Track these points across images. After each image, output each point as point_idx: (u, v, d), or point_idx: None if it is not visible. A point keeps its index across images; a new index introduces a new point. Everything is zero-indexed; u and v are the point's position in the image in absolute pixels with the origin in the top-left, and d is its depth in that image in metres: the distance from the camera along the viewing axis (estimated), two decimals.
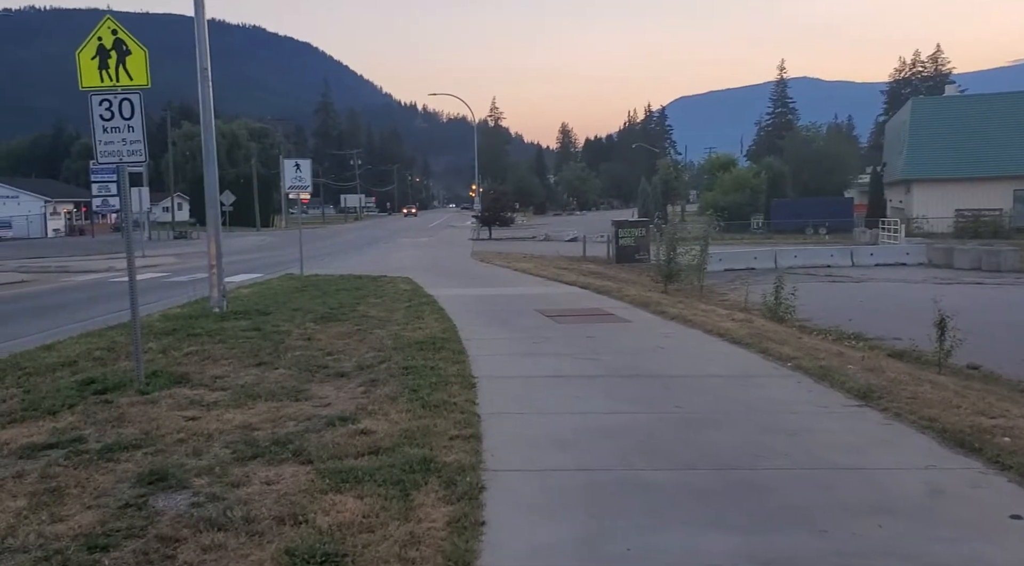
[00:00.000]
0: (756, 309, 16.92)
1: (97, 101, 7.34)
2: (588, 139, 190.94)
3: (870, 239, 43.69)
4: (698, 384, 7.49)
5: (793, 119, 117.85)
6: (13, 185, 69.54)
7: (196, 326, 11.18)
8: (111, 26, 7.26)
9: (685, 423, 6.14)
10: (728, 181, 62.23)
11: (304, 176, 21.28)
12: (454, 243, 43.13)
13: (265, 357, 8.88)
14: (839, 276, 28.96)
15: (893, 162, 58.74)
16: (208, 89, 13.05)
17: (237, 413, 6.42)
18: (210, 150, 13.35)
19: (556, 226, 64.75)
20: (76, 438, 5.73)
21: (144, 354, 8.86)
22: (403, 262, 26.95)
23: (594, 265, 28.36)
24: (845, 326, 16.15)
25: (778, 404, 6.75)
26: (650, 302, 13.71)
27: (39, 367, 8.30)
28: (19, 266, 28.26)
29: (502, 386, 7.45)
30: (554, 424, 6.10)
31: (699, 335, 10.38)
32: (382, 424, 6.00)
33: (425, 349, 9.20)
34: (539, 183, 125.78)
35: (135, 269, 7.91)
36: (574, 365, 8.39)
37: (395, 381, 7.54)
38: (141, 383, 7.37)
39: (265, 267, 26.11)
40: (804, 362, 8.31)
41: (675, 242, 21.41)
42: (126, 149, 7.42)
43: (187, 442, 5.63)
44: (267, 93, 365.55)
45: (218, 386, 7.43)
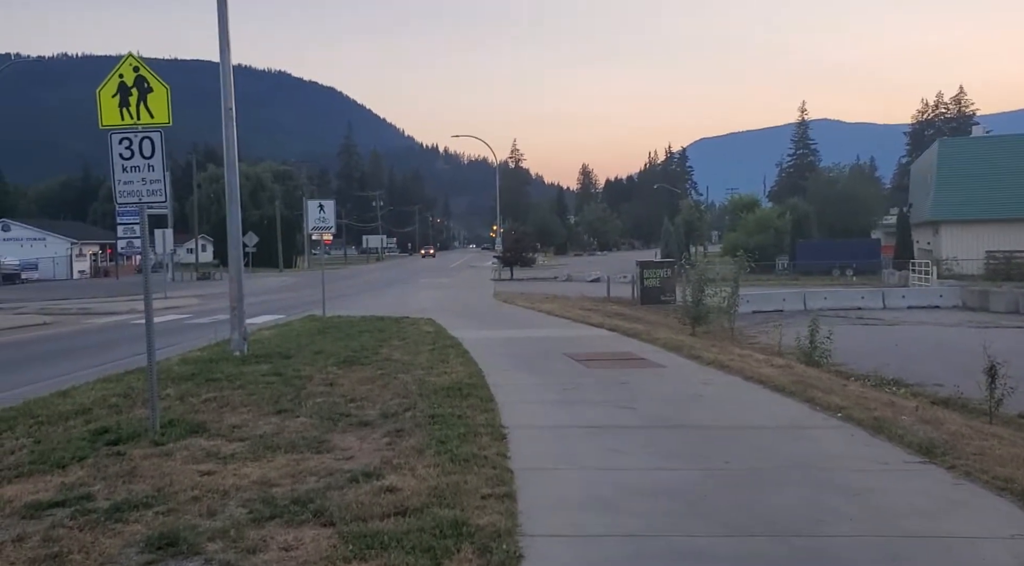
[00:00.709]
0: (790, 353, 16.38)
1: (117, 140, 7.13)
2: (609, 180, 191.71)
3: (900, 281, 42.92)
4: (745, 436, 7.02)
5: (815, 160, 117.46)
6: (40, 227, 70.40)
7: (216, 370, 10.87)
8: (133, 63, 7.07)
9: (736, 481, 5.68)
10: (752, 222, 61.74)
11: (327, 217, 21.16)
12: (476, 284, 42.87)
13: (286, 404, 8.52)
14: (871, 319, 28.27)
15: (920, 203, 58.06)
16: (232, 128, 12.92)
17: (255, 467, 6.04)
18: (233, 189, 13.17)
19: (578, 266, 64.48)
20: (84, 495, 5.36)
21: (161, 401, 8.55)
22: (425, 303, 26.66)
23: (619, 306, 27.91)
24: (882, 371, 15.54)
25: (833, 459, 6.27)
26: (683, 346, 13.25)
27: (52, 415, 7.99)
28: (41, 308, 28.26)
29: (535, 437, 7.02)
30: (594, 482, 5.65)
31: (739, 382, 9.90)
32: (409, 480, 5.59)
33: (452, 396, 8.81)
34: (560, 223, 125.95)
35: (153, 315, 7.61)
36: (610, 414, 7.95)
37: (421, 431, 7.14)
38: (156, 433, 7.03)
39: (287, 308, 25.91)
40: (855, 412, 7.82)
41: (703, 283, 20.95)
42: (146, 189, 7.18)
43: (201, 500, 5.25)
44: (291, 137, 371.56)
45: (236, 436, 7.07)
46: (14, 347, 16.40)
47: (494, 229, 76.22)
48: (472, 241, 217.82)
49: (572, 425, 7.48)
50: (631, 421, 7.66)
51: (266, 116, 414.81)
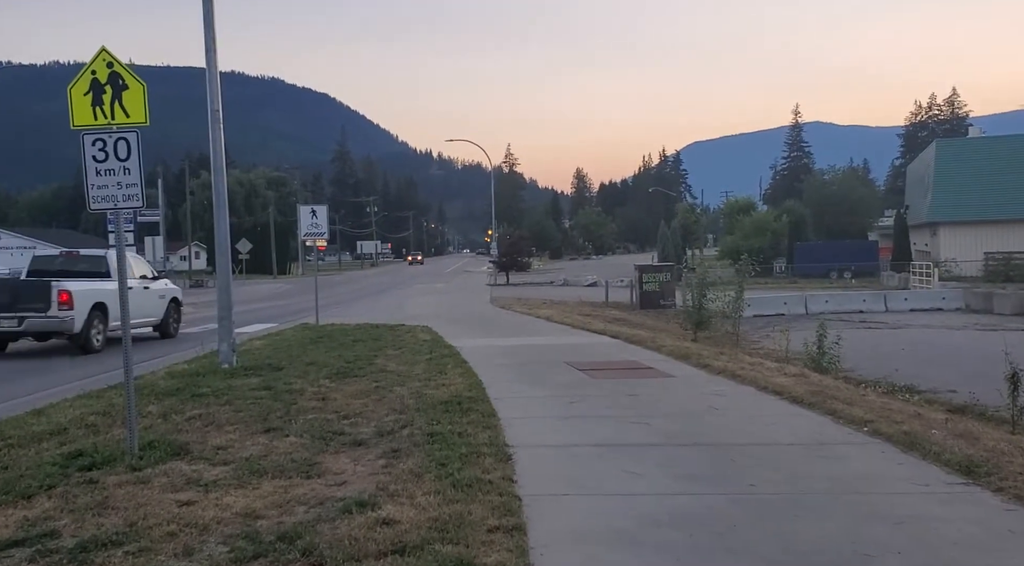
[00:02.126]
0: (797, 358, 15.92)
1: (90, 141, 6.62)
2: (603, 184, 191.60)
3: (900, 283, 42.55)
4: (768, 455, 6.52)
5: (809, 163, 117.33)
6: (31, 236, 69.88)
7: (202, 385, 10.35)
8: (106, 58, 6.56)
9: (765, 508, 5.19)
10: (749, 225, 61.37)
11: (320, 223, 20.67)
12: (471, 289, 42.38)
13: (275, 422, 8.01)
14: (874, 322, 27.85)
15: (917, 205, 57.83)
16: (219, 132, 12.40)
17: (239, 495, 5.52)
18: (220, 194, 12.66)
19: (574, 271, 64.01)
20: (48, 532, 4.84)
21: (143, 419, 8.06)
22: (421, 309, 26.15)
23: (618, 311, 27.43)
24: (893, 377, 15.09)
25: (868, 481, 5.78)
26: (690, 354, 12.76)
27: (24, 437, 7.45)
28: None
29: (542, 458, 6.52)
30: (610, 510, 5.16)
31: (753, 393, 9.42)
32: (407, 511, 5.08)
33: (451, 410, 8.32)
34: (555, 228, 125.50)
35: (130, 329, 7.09)
36: (621, 431, 7.45)
37: (419, 451, 6.64)
38: (134, 456, 6.51)
39: (280, 316, 25.37)
40: (882, 426, 7.33)
41: (704, 287, 20.50)
42: (121, 193, 6.67)
43: (178, 536, 4.73)
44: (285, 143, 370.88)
45: (220, 459, 6.55)
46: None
47: (489, 234, 75.81)
48: (467, 246, 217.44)
49: (582, 443, 6.98)
50: (644, 438, 7.16)
51: (259, 122, 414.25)
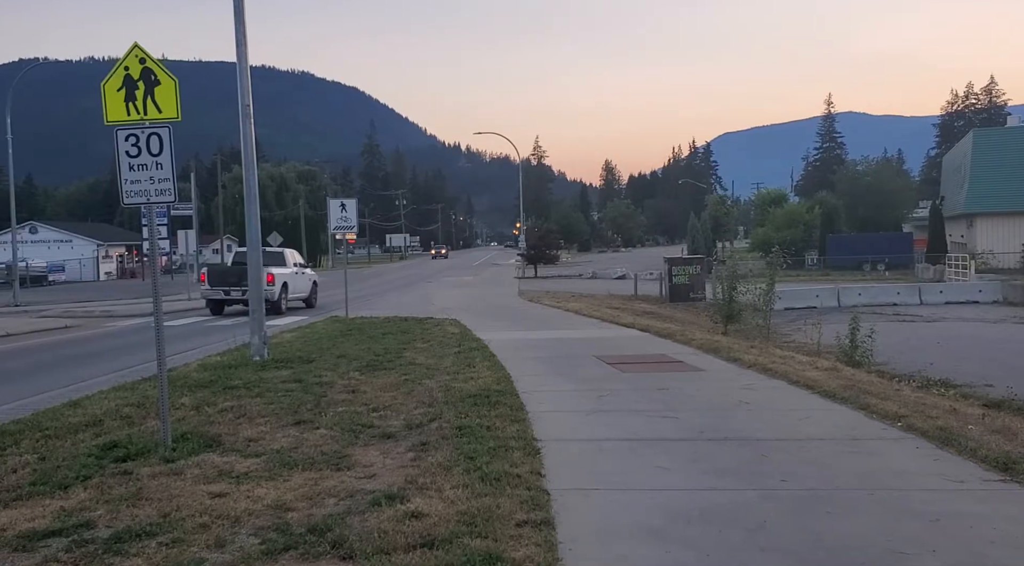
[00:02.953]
0: (829, 352, 15.73)
1: (123, 136, 6.70)
2: (632, 176, 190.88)
3: (935, 275, 41.84)
4: (800, 450, 6.45)
5: (842, 154, 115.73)
6: (67, 230, 71.00)
7: (234, 377, 10.47)
8: (139, 54, 6.63)
9: (797, 504, 5.12)
10: (781, 216, 60.73)
11: (350, 216, 20.80)
12: (500, 282, 42.39)
13: (305, 414, 8.07)
14: (908, 315, 27.42)
15: (953, 196, 56.81)
16: (250, 126, 12.50)
17: (270, 487, 5.58)
18: (251, 187, 12.77)
19: (602, 263, 63.81)
20: (84, 522, 4.92)
21: (176, 411, 8.16)
22: (449, 302, 26.22)
23: (647, 304, 27.30)
24: (927, 371, 14.85)
25: (902, 477, 5.69)
26: (720, 347, 12.66)
27: (61, 428, 7.59)
28: (65, 310, 28.16)
29: (570, 452, 6.50)
30: (640, 505, 5.13)
31: (784, 387, 9.32)
32: (436, 504, 5.09)
33: (479, 404, 8.32)
34: (583, 220, 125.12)
35: (163, 321, 7.18)
36: (651, 425, 7.41)
37: (448, 445, 6.66)
38: (167, 448, 6.60)
39: (310, 308, 25.57)
40: (916, 422, 7.21)
41: (735, 280, 20.31)
42: (154, 188, 6.75)
43: (210, 527, 4.79)
44: (315, 137, 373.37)
45: (251, 451, 6.62)
46: (34, 352, 16.15)
47: (517, 226, 75.76)
48: (495, 239, 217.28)
49: (610, 438, 6.95)
50: (674, 433, 7.11)
51: (289, 116, 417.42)
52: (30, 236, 65.96)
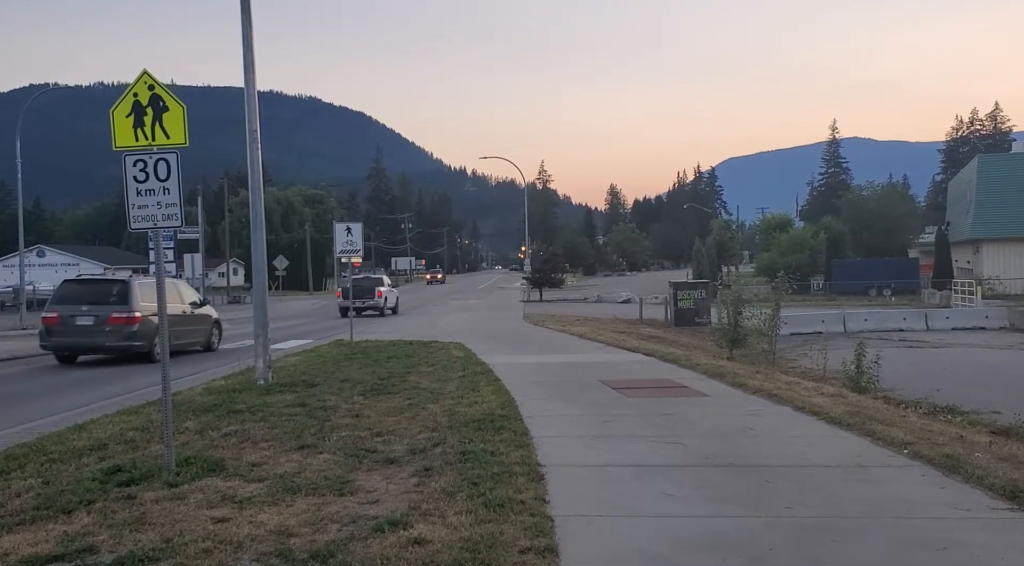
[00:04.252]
0: (835, 378, 15.67)
1: (131, 162, 6.76)
2: (637, 200, 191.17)
3: (941, 301, 41.73)
4: (805, 477, 6.42)
5: (847, 179, 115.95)
6: (75, 253, 71.44)
7: (238, 401, 10.47)
8: (147, 81, 6.71)
9: (802, 532, 5.09)
10: (786, 241, 60.73)
11: (355, 240, 20.87)
12: (504, 305, 42.41)
13: (309, 439, 8.06)
14: (914, 341, 27.33)
15: (959, 221, 56.80)
16: (256, 151, 12.60)
17: (273, 513, 5.56)
18: (257, 212, 12.84)
19: (607, 287, 63.82)
20: (87, 547, 4.91)
21: (180, 435, 8.16)
22: (454, 326, 26.23)
23: (652, 329, 27.28)
24: (934, 397, 14.78)
25: (908, 505, 5.65)
26: (725, 372, 12.62)
27: (65, 452, 7.59)
28: None
29: (575, 478, 6.48)
30: (645, 532, 5.10)
31: (790, 413, 9.28)
32: (439, 530, 5.07)
33: (483, 428, 8.31)
34: (588, 244, 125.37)
35: (168, 349, 7.20)
36: (655, 451, 7.38)
37: (452, 470, 6.64)
38: (171, 472, 6.59)
39: (316, 332, 25.62)
40: (922, 448, 7.18)
41: (740, 305, 20.31)
42: (161, 213, 6.80)
43: (213, 553, 4.77)
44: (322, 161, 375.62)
45: (255, 476, 6.61)
46: (40, 374, 16.19)
47: (522, 250, 75.92)
48: (500, 262, 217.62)
49: (615, 464, 6.93)
50: (679, 459, 7.08)
51: (297, 141, 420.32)
52: (37, 259, 66.35)
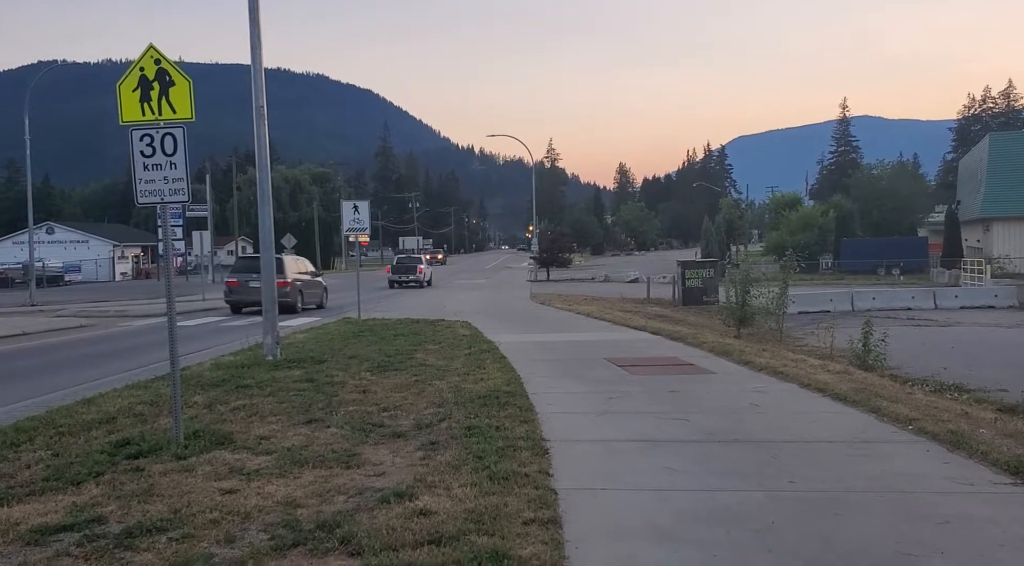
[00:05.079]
0: (842, 356, 15.66)
1: (138, 136, 6.77)
2: (646, 179, 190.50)
3: (950, 280, 41.55)
4: (809, 452, 6.44)
5: (857, 158, 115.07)
6: (84, 230, 71.57)
7: (246, 376, 10.54)
8: (154, 55, 6.70)
9: (805, 505, 5.12)
10: (795, 220, 60.49)
11: (362, 218, 20.88)
12: (512, 285, 42.42)
13: (316, 413, 8.13)
14: (922, 320, 27.23)
15: (969, 200, 56.40)
16: (264, 128, 12.59)
17: (280, 484, 5.62)
18: (264, 190, 12.86)
19: (615, 267, 63.73)
20: (96, 517, 4.97)
21: (188, 409, 8.23)
22: (461, 305, 26.26)
23: (660, 307, 27.26)
24: (941, 375, 14.76)
25: (912, 480, 5.67)
26: (731, 350, 12.63)
27: (75, 425, 7.67)
28: (80, 310, 28.39)
29: (579, 453, 6.51)
30: (648, 505, 5.13)
31: (795, 390, 9.29)
32: (444, 502, 5.12)
33: (488, 404, 8.35)
34: (597, 223, 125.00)
35: (176, 319, 7.23)
36: (660, 426, 7.41)
37: (457, 444, 6.69)
38: (179, 445, 6.65)
39: (324, 310, 25.69)
40: (927, 425, 7.18)
41: (748, 284, 20.26)
42: (168, 188, 6.82)
43: (220, 524, 4.83)
44: (329, 139, 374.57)
45: (263, 449, 6.67)
46: (49, 350, 16.31)
47: (530, 230, 75.78)
48: (507, 242, 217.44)
49: (619, 439, 6.96)
50: (684, 435, 7.11)
51: (304, 118, 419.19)
52: (47, 237, 66.54)
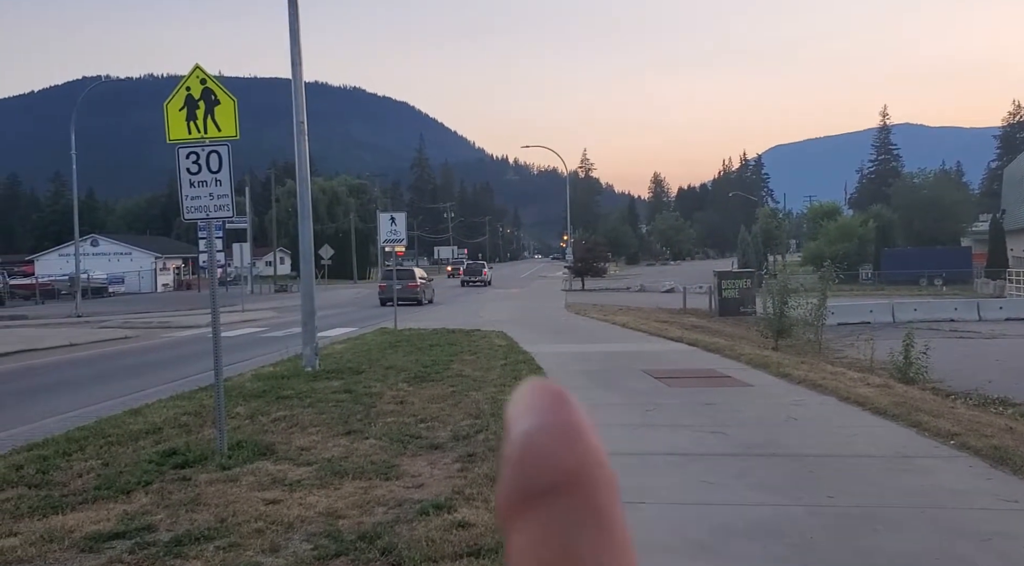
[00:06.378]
0: (883, 369, 15.46)
1: (184, 154, 6.97)
2: (681, 188, 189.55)
3: (995, 291, 40.70)
4: (847, 467, 6.40)
5: (898, 166, 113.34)
6: (127, 242, 73.03)
7: (286, 387, 10.72)
8: (200, 75, 6.90)
9: (844, 521, 5.10)
10: (834, 230, 59.68)
11: (399, 229, 21.09)
12: (546, 294, 42.44)
13: (355, 424, 8.25)
14: (966, 331, 26.71)
15: (1014, 209, 55.20)
16: (304, 142, 12.82)
17: (322, 495, 5.73)
18: (304, 203, 13.08)
19: (650, 276, 63.43)
20: (146, 526, 5.13)
21: (231, 420, 8.39)
22: (496, 314, 26.35)
23: (696, 318, 27.09)
24: (985, 389, 14.50)
25: (953, 496, 5.62)
26: (769, 362, 12.54)
27: (123, 435, 7.88)
28: (124, 321, 29.00)
29: (616, 466, 6.39)
30: (686, 519, 5.15)
31: (834, 403, 9.21)
32: (482, 514, 5.18)
33: None
34: (631, 233, 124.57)
35: (220, 331, 7.42)
36: (697, 440, 7.40)
37: (494, 456, 6.74)
38: (223, 456, 6.81)
39: (361, 320, 25.96)
40: (969, 440, 7.09)
41: (786, 294, 20.07)
42: (213, 204, 7.00)
43: (265, 533, 4.95)
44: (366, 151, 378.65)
45: (304, 460, 6.80)
46: (95, 362, 16.70)
47: (564, 239, 75.80)
48: (541, 251, 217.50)
49: (657, 452, 6.97)
50: (722, 448, 7.10)
51: (342, 131, 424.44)
52: (91, 249, 67.99)
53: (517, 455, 0.40)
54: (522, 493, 0.39)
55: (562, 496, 0.38)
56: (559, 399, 0.42)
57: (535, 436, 0.40)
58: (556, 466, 0.39)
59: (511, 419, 0.42)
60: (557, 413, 0.41)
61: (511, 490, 0.39)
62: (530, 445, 0.39)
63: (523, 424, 0.41)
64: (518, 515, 0.39)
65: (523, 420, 0.41)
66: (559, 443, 0.39)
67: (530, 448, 0.39)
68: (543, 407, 0.41)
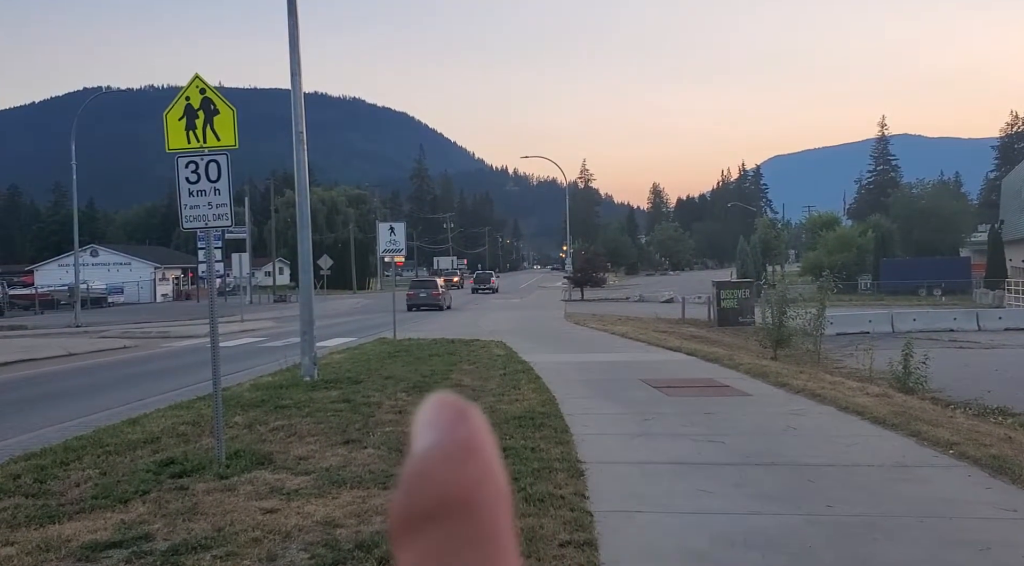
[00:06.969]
0: (882, 378, 15.45)
1: (183, 163, 6.99)
2: (680, 199, 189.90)
3: (994, 301, 40.71)
4: (847, 476, 6.39)
5: (896, 177, 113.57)
6: (126, 252, 73.06)
7: (285, 397, 10.70)
8: (199, 85, 6.93)
9: (843, 530, 5.09)
10: (833, 240, 59.76)
11: (398, 239, 21.10)
12: (546, 305, 42.45)
13: (353, 434, 8.23)
14: (965, 342, 26.71)
15: (1013, 219, 55.30)
16: (303, 152, 12.85)
17: (319, 505, 5.72)
18: (304, 213, 13.10)
19: (650, 287, 63.45)
20: (143, 535, 5.12)
21: (229, 429, 8.38)
22: (495, 325, 26.35)
23: (695, 328, 27.09)
24: (983, 398, 14.49)
25: (951, 505, 5.61)
26: (768, 372, 12.54)
27: (121, 444, 7.86)
28: (123, 331, 28.98)
29: (614, 475, 6.53)
30: (684, 528, 5.14)
31: (833, 413, 9.21)
32: None
33: (524, 426, 8.39)
34: (631, 243, 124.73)
35: (219, 341, 7.42)
36: (696, 449, 7.39)
37: None
38: (221, 465, 6.80)
39: (360, 330, 25.95)
40: (968, 449, 7.08)
41: (785, 304, 20.08)
42: (212, 213, 7.02)
43: (262, 542, 4.94)
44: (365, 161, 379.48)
45: (302, 469, 6.78)
46: (94, 371, 16.69)
47: (563, 249, 75.90)
48: (540, 261, 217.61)
49: (655, 461, 6.96)
50: (720, 457, 7.09)
51: (341, 141, 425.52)
52: (91, 259, 67.97)
53: (408, 474, 0.39)
54: (410, 513, 0.39)
55: (448, 518, 0.38)
56: (459, 415, 0.42)
57: (428, 455, 0.39)
58: (445, 487, 0.38)
59: (413, 435, 0.42)
60: (454, 431, 0.40)
61: (401, 510, 0.39)
62: (422, 464, 0.39)
63: (420, 442, 0.40)
64: (406, 535, 0.39)
65: (421, 437, 0.41)
66: (451, 463, 0.39)
67: (422, 468, 0.39)
68: (441, 424, 0.41)
